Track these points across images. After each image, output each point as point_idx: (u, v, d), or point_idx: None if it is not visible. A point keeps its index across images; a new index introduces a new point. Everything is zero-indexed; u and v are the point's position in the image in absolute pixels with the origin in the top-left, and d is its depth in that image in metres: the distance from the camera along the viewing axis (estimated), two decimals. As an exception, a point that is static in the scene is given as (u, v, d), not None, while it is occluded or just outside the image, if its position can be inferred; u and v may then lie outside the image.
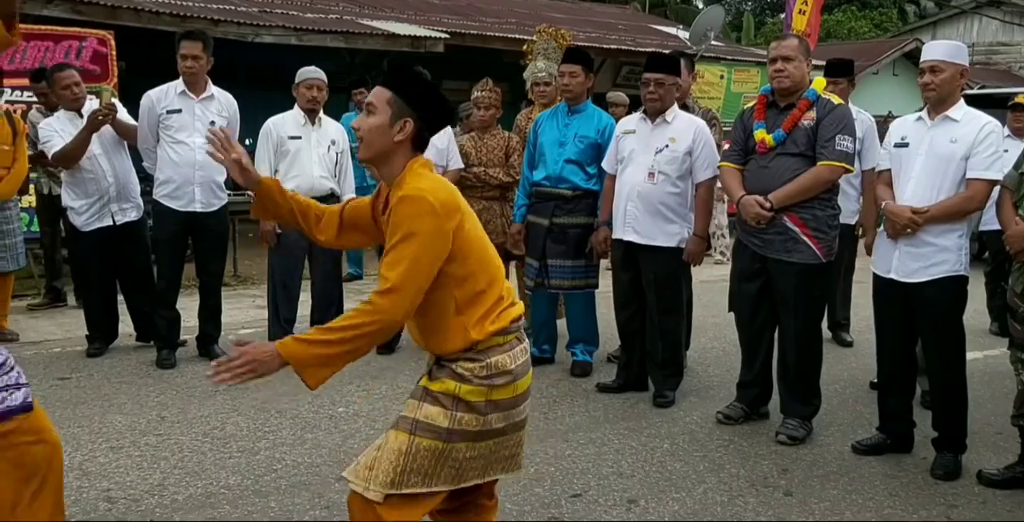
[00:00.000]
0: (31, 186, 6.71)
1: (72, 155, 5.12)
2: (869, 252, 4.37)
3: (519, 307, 2.52)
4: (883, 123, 5.84)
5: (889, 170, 4.03)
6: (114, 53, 8.02)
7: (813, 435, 4.24)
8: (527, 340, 2.57)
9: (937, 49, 3.85)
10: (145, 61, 5.94)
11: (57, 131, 5.18)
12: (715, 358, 5.72)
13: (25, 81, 7.50)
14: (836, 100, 4.17)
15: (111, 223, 5.33)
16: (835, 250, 4.20)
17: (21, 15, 7.76)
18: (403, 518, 2.36)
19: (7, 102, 7.30)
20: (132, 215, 5.40)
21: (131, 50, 8.62)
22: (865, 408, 4.67)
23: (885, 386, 4.14)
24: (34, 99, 7.32)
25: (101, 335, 5.54)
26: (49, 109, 6.58)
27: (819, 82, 4.24)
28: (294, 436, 4.14)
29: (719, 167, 4.47)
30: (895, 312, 3.96)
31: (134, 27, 8.83)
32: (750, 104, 4.44)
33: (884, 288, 3.99)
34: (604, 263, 5.22)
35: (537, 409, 4.60)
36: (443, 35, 11.04)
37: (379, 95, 2.43)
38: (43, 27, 7.93)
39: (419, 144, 2.47)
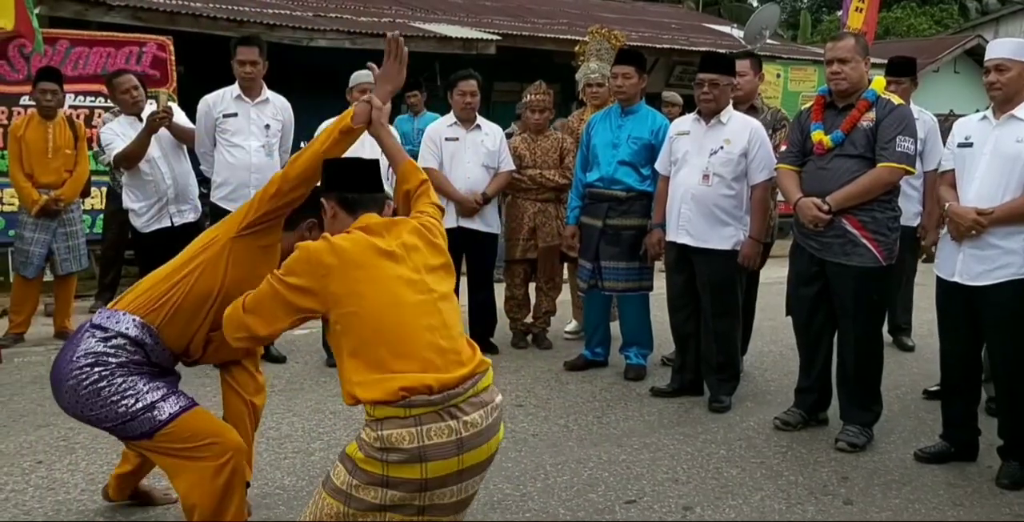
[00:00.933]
0: (102, 189, 6.85)
1: (132, 156, 5.21)
2: (930, 255, 4.27)
3: (446, 375, 2.27)
4: (944, 122, 5.71)
5: (952, 170, 3.92)
6: (173, 58, 8.17)
7: (874, 442, 4.15)
8: (465, 417, 2.27)
9: (1002, 47, 3.75)
10: (203, 66, 6.03)
11: (118, 134, 5.28)
12: (772, 362, 5.63)
13: (88, 86, 7.70)
14: (896, 100, 4.07)
15: (169, 224, 5.43)
16: (896, 253, 4.10)
17: (84, 22, 7.99)
18: None
19: (70, 107, 7.47)
20: (190, 217, 5.48)
21: (190, 55, 8.75)
22: (928, 415, 4.56)
23: (949, 392, 4.03)
24: (97, 104, 7.52)
25: None
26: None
27: (879, 82, 4.14)
28: (348, 437, 4.16)
29: (776, 169, 4.39)
30: (959, 316, 3.85)
31: (192, 32, 8.98)
32: (807, 105, 4.36)
33: (948, 291, 3.88)
34: (659, 265, 5.17)
35: (590, 413, 4.57)
36: (495, 37, 11.05)
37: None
38: (105, 33, 8.10)
39: (349, 208, 2.57)
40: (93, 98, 7.69)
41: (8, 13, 7.04)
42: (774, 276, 8.66)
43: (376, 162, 2.71)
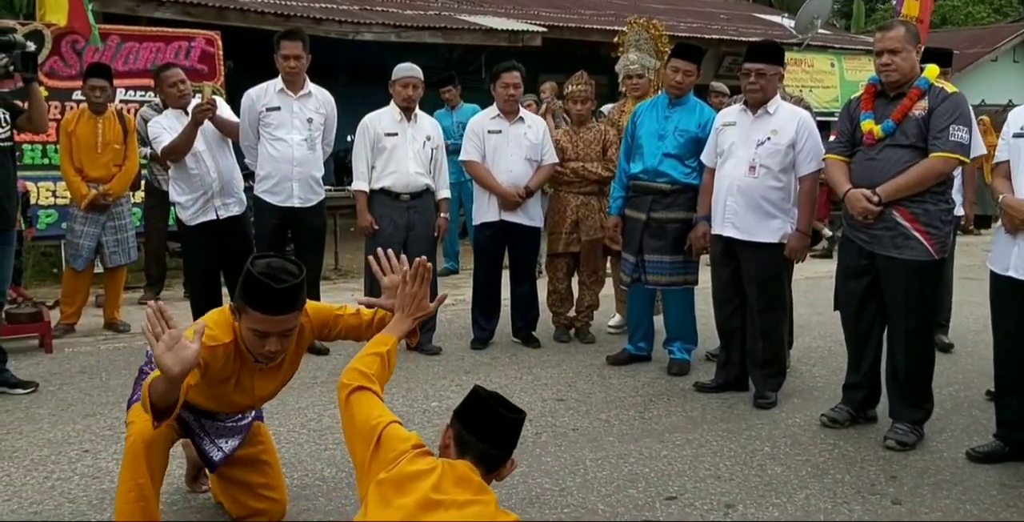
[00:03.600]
0: (142, 182, 6.98)
1: (179, 149, 5.27)
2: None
3: None
4: (1002, 112, 5.52)
5: (1007, 162, 3.80)
6: (221, 52, 8.27)
7: (924, 441, 4.04)
8: None
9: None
10: (251, 60, 6.10)
11: (165, 128, 5.34)
12: (820, 358, 5.52)
13: (138, 81, 7.83)
14: (950, 88, 3.92)
15: (215, 217, 5.46)
16: (949, 246, 3.98)
17: (135, 18, 8.10)
18: None
19: (120, 102, 7.60)
20: (235, 210, 5.52)
21: (238, 50, 8.85)
22: (981, 413, 4.43)
23: (1003, 390, 3.91)
24: (147, 98, 7.63)
25: None
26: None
27: (932, 70, 4.00)
28: (388, 430, 4.16)
29: (824, 159, 4.29)
30: (1014, 311, 3.73)
31: (240, 27, 9.08)
32: (857, 94, 4.25)
33: (1002, 286, 3.76)
34: (704, 258, 5.10)
35: (632, 408, 4.52)
36: (540, 29, 11.00)
37: None
38: (154, 29, 8.23)
39: (460, 448, 2.31)
40: (143, 93, 7.81)
41: (61, 10, 7.19)
42: (823, 271, 8.53)
43: (517, 422, 2.35)
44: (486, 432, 2.29)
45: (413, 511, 2.13)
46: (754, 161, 4.46)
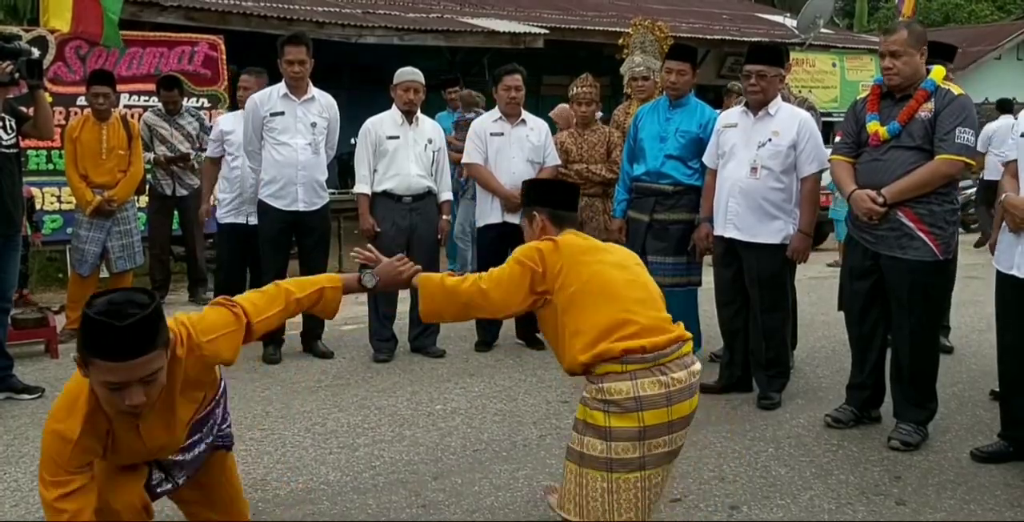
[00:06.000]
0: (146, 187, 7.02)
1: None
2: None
3: (653, 339, 2.62)
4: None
5: (1015, 161, 3.79)
6: (224, 57, 8.28)
7: (928, 441, 4.03)
8: (672, 374, 2.62)
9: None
10: (254, 64, 6.11)
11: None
12: (824, 358, 5.52)
13: (142, 86, 7.86)
14: (956, 90, 3.91)
15: (244, 222, 5.58)
16: (954, 247, 3.98)
17: (138, 23, 8.13)
18: None
19: (125, 107, 7.62)
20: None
21: (241, 54, 8.87)
22: (986, 413, 4.43)
23: (1008, 389, 3.90)
24: (150, 103, 7.67)
25: None
26: (170, 114, 7.06)
27: (938, 71, 3.98)
28: (393, 433, 4.18)
29: (830, 160, 4.29)
30: (1018, 310, 3.72)
31: (243, 31, 9.10)
32: (863, 94, 4.25)
33: (1006, 285, 3.76)
34: (708, 259, 5.10)
35: (636, 409, 4.52)
36: (543, 31, 11.01)
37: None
38: (158, 34, 8.25)
39: (557, 223, 2.95)
40: (147, 98, 7.83)
41: (65, 15, 7.21)
42: (827, 271, 8.53)
43: (577, 188, 3.12)
44: (567, 201, 2.95)
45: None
46: (755, 162, 4.46)
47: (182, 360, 2.38)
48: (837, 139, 4.38)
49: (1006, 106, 9.97)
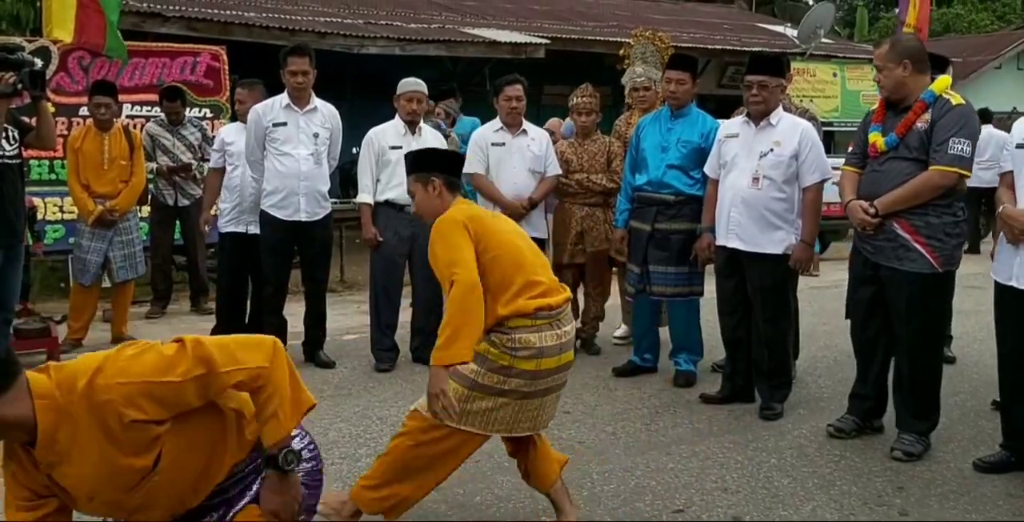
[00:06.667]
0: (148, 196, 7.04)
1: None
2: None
3: (555, 298, 3.06)
4: (1007, 120, 5.51)
5: (1011, 172, 3.80)
6: (226, 67, 8.31)
7: (931, 451, 4.03)
8: (563, 328, 3.06)
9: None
10: (256, 74, 6.13)
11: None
12: (826, 368, 5.51)
13: (144, 96, 7.88)
14: (956, 100, 3.89)
15: (244, 231, 5.62)
16: (956, 259, 3.95)
17: (140, 33, 8.14)
18: (434, 436, 3.00)
19: (127, 117, 7.64)
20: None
21: (243, 64, 8.90)
22: (988, 423, 4.42)
23: (1009, 400, 3.90)
24: (152, 114, 7.69)
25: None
26: (172, 125, 7.09)
27: (941, 81, 3.98)
28: (395, 444, 4.16)
29: (841, 169, 4.30)
30: (1016, 321, 3.73)
31: (245, 42, 9.13)
32: (874, 105, 4.28)
33: (1005, 296, 3.77)
34: (709, 269, 5.10)
35: (638, 420, 4.52)
36: (544, 41, 11.04)
37: None
38: (160, 44, 8.28)
39: (452, 189, 3.32)
40: (149, 108, 7.85)
41: (68, 26, 7.23)
42: (828, 280, 8.53)
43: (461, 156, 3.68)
44: (456, 170, 3.40)
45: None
46: (757, 172, 4.47)
47: (69, 407, 2.12)
48: (849, 149, 4.41)
49: (986, 116, 9.98)
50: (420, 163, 3.32)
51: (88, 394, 2.13)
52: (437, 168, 3.27)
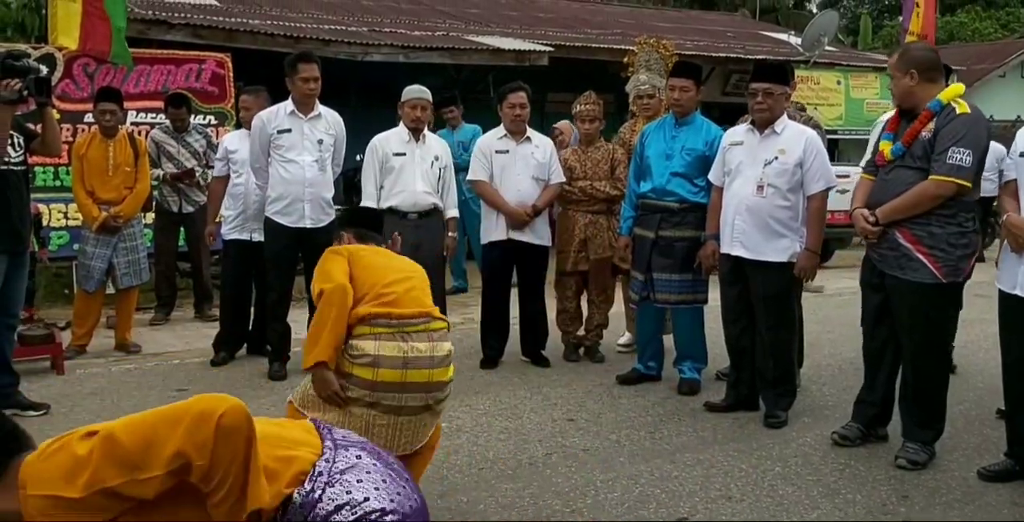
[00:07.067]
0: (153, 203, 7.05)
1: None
2: None
3: (402, 309, 3.09)
4: (1012, 127, 5.50)
5: (1015, 180, 3.79)
6: (231, 74, 8.33)
7: (936, 460, 4.02)
8: (413, 343, 3.05)
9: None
10: (261, 81, 6.15)
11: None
12: (830, 376, 5.50)
13: (149, 103, 7.90)
14: (961, 108, 3.85)
15: (248, 238, 5.67)
16: (962, 270, 3.90)
17: (145, 41, 8.15)
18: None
19: (132, 124, 7.66)
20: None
21: (248, 71, 8.92)
22: (992, 431, 4.41)
23: (1014, 408, 3.89)
24: (157, 120, 7.71)
25: (229, 346, 5.85)
26: (177, 132, 7.10)
27: (951, 90, 3.95)
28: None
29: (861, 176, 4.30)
30: (1022, 330, 3.72)
31: (250, 49, 9.15)
32: (879, 113, 4.29)
33: (1009, 304, 3.76)
34: (713, 277, 5.09)
35: (643, 428, 4.51)
36: (548, 48, 11.05)
37: None
38: (165, 51, 8.30)
39: (360, 239, 3.53)
40: (155, 115, 7.87)
41: (73, 33, 7.25)
42: (833, 287, 8.51)
43: (381, 213, 4.15)
44: (369, 223, 3.68)
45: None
46: (762, 180, 4.47)
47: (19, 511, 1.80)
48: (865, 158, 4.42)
49: None
50: (338, 219, 3.73)
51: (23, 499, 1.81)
52: (348, 223, 3.68)
